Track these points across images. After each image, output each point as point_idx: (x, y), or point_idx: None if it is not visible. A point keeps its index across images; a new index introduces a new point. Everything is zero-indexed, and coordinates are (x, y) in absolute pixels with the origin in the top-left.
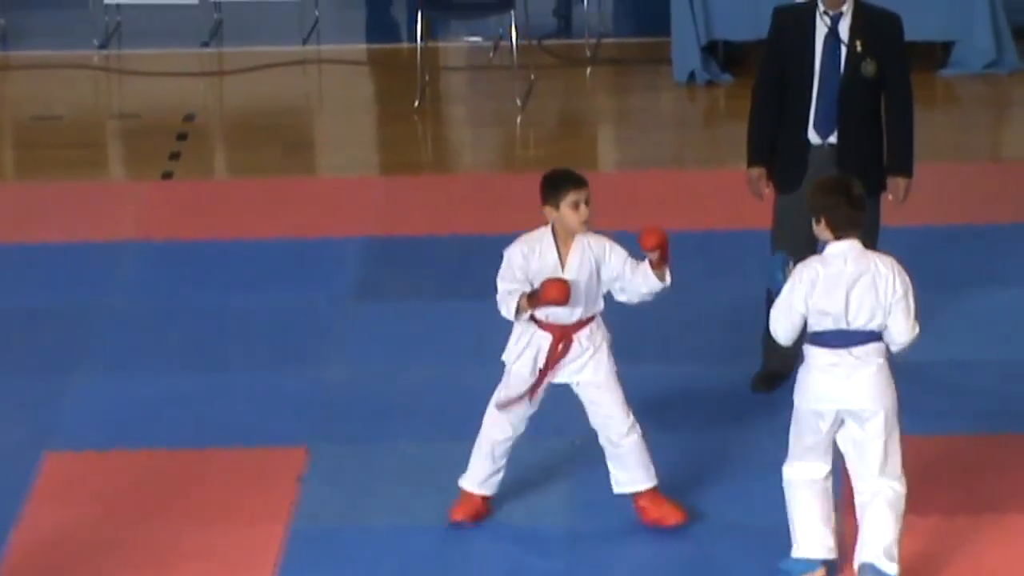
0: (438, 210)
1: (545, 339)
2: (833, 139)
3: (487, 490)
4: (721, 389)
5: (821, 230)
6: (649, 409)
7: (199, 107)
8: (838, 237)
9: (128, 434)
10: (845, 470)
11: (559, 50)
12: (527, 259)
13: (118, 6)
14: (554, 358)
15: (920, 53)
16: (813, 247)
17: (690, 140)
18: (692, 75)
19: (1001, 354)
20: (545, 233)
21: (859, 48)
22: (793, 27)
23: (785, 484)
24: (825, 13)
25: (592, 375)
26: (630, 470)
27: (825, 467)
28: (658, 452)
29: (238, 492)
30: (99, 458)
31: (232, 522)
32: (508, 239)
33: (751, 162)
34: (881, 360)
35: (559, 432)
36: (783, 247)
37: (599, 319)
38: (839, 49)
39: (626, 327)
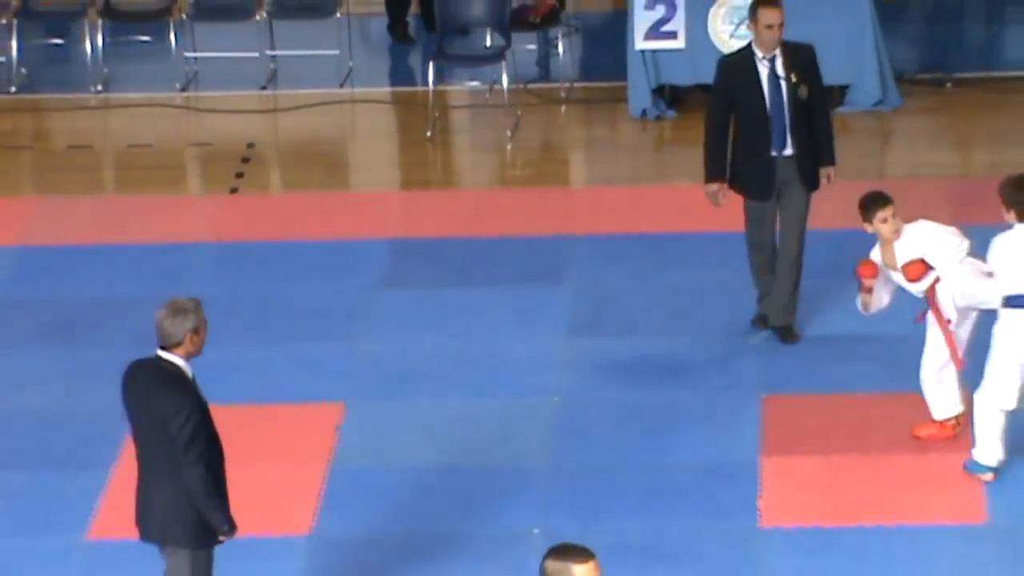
0: (447, 217)
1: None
2: (789, 151)
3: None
4: (669, 357)
5: (1009, 216)
6: (610, 374)
7: (258, 137)
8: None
9: None
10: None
11: (541, 92)
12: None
13: (196, 58)
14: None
15: None
16: None
17: (643, 163)
18: (644, 112)
19: (883, 329)
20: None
21: (794, 79)
22: (739, 71)
23: (980, 407)
24: (763, 58)
25: None
26: (949, 399)
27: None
28: (617, 409)
29: (288, 438)
30: None
31: (283, 462)
32: (503, 241)
33: (710, 179)
34: None
35: (541, 392)
36: (756, 242)
37: None
38: (780, 83)
39: (591, 308)
